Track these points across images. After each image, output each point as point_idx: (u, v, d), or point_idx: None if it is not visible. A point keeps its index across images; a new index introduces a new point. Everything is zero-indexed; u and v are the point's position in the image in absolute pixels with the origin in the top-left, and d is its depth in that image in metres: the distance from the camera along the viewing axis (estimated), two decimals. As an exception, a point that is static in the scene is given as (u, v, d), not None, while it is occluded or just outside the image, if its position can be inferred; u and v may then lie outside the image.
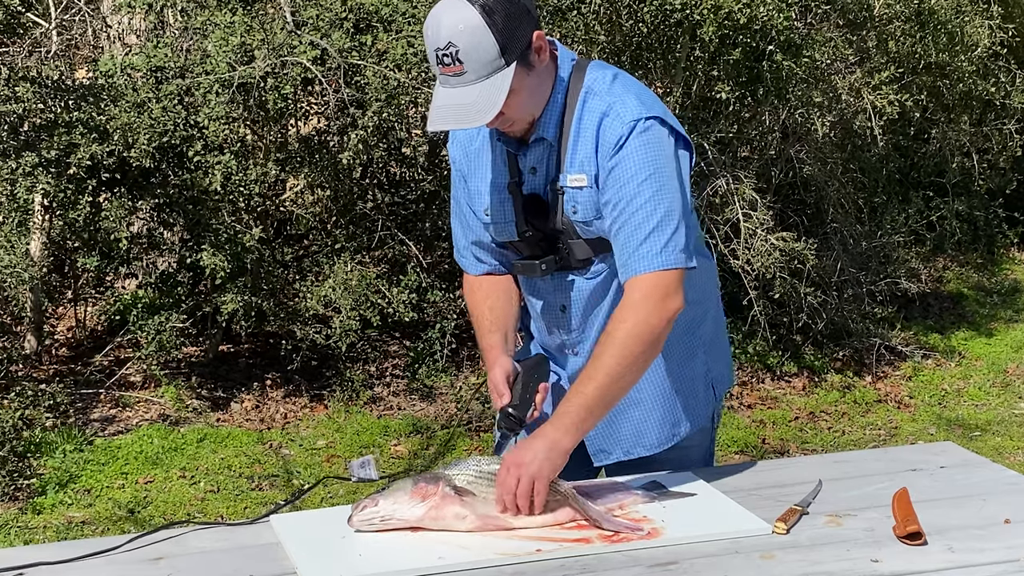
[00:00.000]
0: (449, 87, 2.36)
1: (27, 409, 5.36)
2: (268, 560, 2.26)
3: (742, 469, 2.72)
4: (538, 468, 2.34)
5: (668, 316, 2.43)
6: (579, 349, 2.67)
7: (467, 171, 2.65)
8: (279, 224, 6.78)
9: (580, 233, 2.54)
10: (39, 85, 5.52)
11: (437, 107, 2.39)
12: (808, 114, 6.42)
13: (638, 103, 2.46)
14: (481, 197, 2.63)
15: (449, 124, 2.41)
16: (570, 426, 2.39)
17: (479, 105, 2.35)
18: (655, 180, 2.43)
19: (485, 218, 2.63)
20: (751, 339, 6.63)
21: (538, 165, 2.54)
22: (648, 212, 2.42)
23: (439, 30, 2.33)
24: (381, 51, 5.59)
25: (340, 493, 5.16)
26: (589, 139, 2.48)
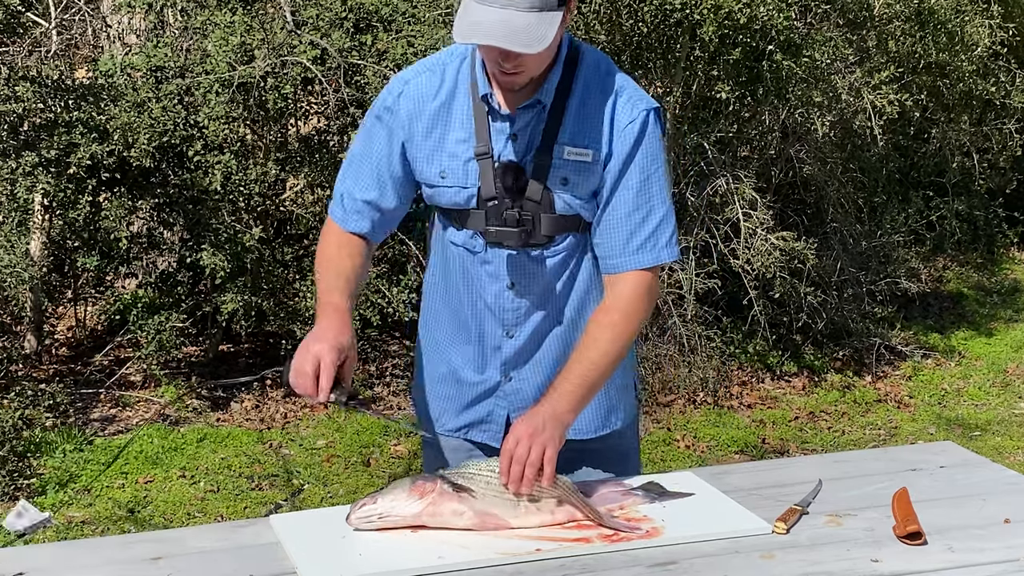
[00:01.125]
0: (497, 7, 2.23)
1: (27, 409, 5.36)
2: (268, 560, 2.25)
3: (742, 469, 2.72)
4: (549, 436, 2.34)
5: (653, 307, 2.52)
6: (517, 331, 2.59)
7: (414, 131, 2.50)
8: (279, 224, 6.77)
9: (557, 207, 2.47)
10: (39, 85, 5.52)
11: (477, 22, 2.23)
12: (808, 114, 6.42)
13: (641, 92, 2.49)
14: (436, 159, 2.49)
15: (499, 41, 2.24)
16: (573, 402, 2.41)
17: (532, 33, 2.24)
18: (658, 178, 2.46)
19: (439, 181, 2.51)
20: (751, 339, 6.63)
21: (521, 132, 2.45)
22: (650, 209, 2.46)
23: None
24: (381, 51, 5.59)
25: (340, 493, 5.16)
26: (598, 116, 2.44)
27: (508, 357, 2.61)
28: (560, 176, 2.45)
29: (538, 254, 2.52)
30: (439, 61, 2.53)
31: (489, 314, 2.59)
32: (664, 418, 6.06)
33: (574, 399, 2.41)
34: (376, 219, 2.58)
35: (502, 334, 2.60)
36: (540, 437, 2.33)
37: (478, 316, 2.61)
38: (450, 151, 2.49)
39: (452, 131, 2.49)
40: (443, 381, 2.74)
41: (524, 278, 2.54)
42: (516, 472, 2.32)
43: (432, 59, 2.55)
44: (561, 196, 2.47)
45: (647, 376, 6.23)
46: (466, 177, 2.49)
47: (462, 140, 2.48)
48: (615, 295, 2.47)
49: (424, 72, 2.52)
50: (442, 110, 2.49)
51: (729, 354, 6.56)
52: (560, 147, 2.45)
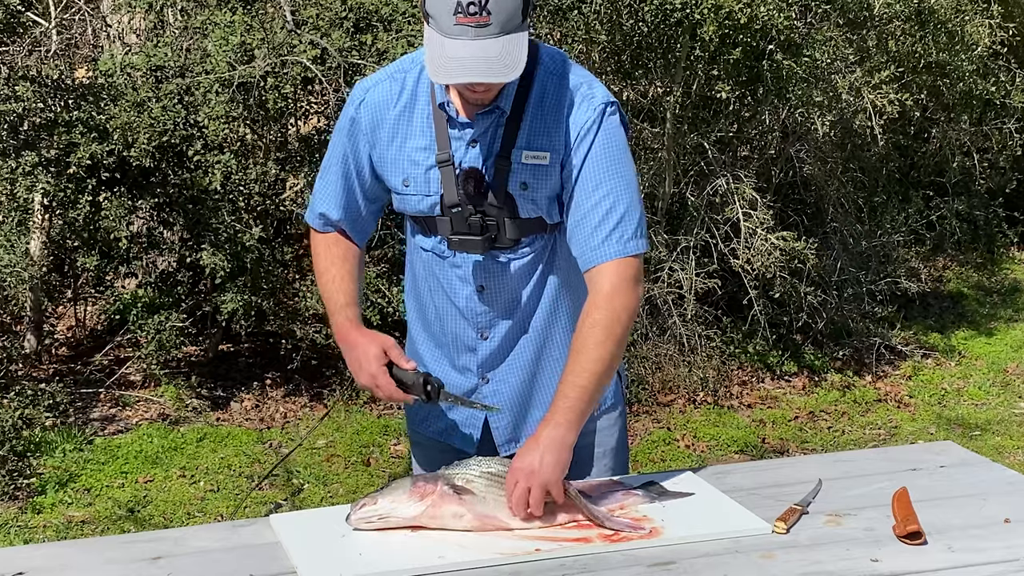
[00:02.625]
0: (467, 39, 2.26)
1: (27, 408, 5.36)
2: (268, 560, 2.25)
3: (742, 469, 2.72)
4: (548, 475, 2.32)
5: (639, 300, 2.47)
6: (491, 333, 2.59)
7: (377, 139, 2.53)
8: (279, 223, 6.77)
9: (520, 211, 2.48)
10: (39, 84, 5.52)
11: (455, 58, 2.27)
12: (808, 113, 6.42)
13: (601, 88, 2.48)
14: (398, 167, 2.52)
15: (479, 76, 2.29)
16: (573, 420, 2.37)
17: (506, 59, 2.28)
18: (619, 169, 2.45)
19: (403, 189, 2.53)
20: (751, 339, 6.63)
21: (481, 138, 2.46)
22: (615, 200, 2.43)
23: None
24: (381, 51, 5.59)
25: (340, 493, 5.16)
26: (555, 117, 2.44)
27: (483, 359, 2.62)
28: (519, 180, 2.47)
29: (505, 258, 2.54)
30: (400, 68, 2.54)
31: (461, 317, 2.60)
32: (664, 418, 6.06)
33: (572, 415, 2.37)
34: (349, 227, 2.64)
35: (476, 336, 2.61)
36: (539, 477, 2.31)
37: (451, 319, 2.62)
38: (412, 158, 2.51)
39: (412, 138, 2.51)
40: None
41: (493, 281, 2.56)
42: (521, 513, 2.33)
43: (394, 66, 2.56)
44: (522, 200, 2.48)
45: (647, 376, 6.23)
46: (428, 185, 2.51)
47: (423, 147, 2.50)
48: (594, 292, 2.45)
49: (385, 80, 2.53)
50: (402, 118, 2.51)
51: (729, 354, 6.56)
52: (518, 151, 2.46)
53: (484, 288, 2.56)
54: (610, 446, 2.71)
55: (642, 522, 2.37)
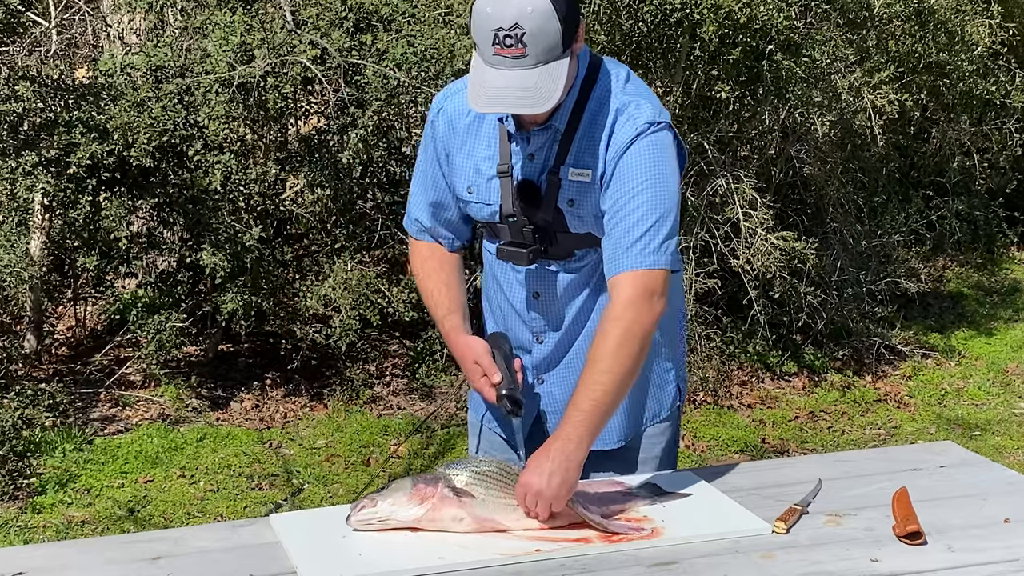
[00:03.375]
0: (504, 69, 2.32)
1: (27, 408, 5.36)
2: (268, 560, 2.25)
3: (742, 469, 2.72)
4: (555, 492, 2.31)
5: (656, 316, 2.44)
6: (546, 338, 2.65)
7: (451, 146, 2.61)
8: (279, 223, 6.77)
9: (569, 226, 2.53)
10: (39, 84, 5.52)
11: (492, 88, 2.33)
12: (808, 114, 6.41)
13: (651, 107, 2.48)
14: (465, 174, 2.60)
15: (511, 107, 2.37)
16: (584, 435, 2.36)
17: (540, 91, 2.33)
18: (657, 182, 2.45)
19: (468, 196, 2.61)
20: (751, 339, 6.63)
21: (537, 152, 2.52)
22: (645, 212, 2.43)
23: (505, 10, 2.29)
24: (381, 50, 5.59)
25: (340, 493, 5.16)
26: (600, 135, 2.47)
27: (538, 361, 2.68)
28: (567, 197, 2.51)
29: (557, 268, 2.59)
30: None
31: (519, 319, 2.67)
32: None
33: (583, 429, 2.36)
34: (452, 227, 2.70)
35: (532, 339, 2.68)
36: (546, 494, 2.31)
37: (511, 320, 2.69)
38: (477, 167, 2.58)
39: (479, 148, 2.58)
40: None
41: (547, 289, 2.62)
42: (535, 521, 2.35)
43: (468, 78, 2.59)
44: (570, 216, 2.52)
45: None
46: (489, 194, 2.58)
47: (487, 157, 2.57)
48: (611, 302, 2.45)
49: (462, 90, 2.58)
50: (472, 127, 2.58)
51: (729, 354, 6.56)
52: (566, 168, 2.50)
53: (539, 295, 2.63)
54: (652, 454, 2.74)
55: (642, 523, 2.37)
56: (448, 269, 2.71)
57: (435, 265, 2.71)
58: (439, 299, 2.68)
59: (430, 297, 2.70)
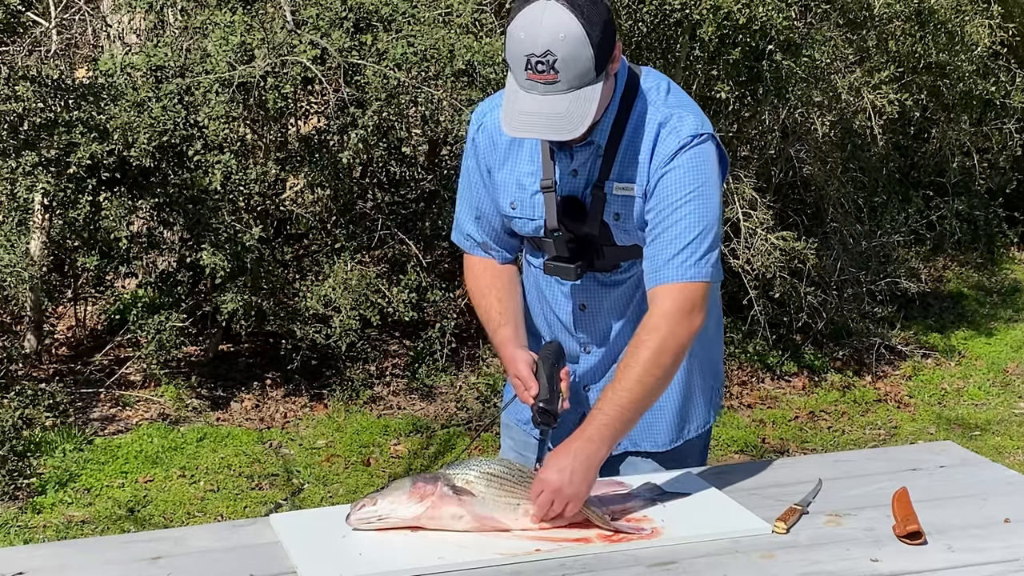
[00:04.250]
0: (537, 94, 2.32)
1: (27, 408, 5.36)
2: (268, 560, 2.25)
3: (742, 469, 2.72)
4: (574, 490, 2.32)
5: (694, 330, 2.45)
6: (592, 348, 2.67)
7: (493, 162, 2.61)
8: (279, 223, 6.77)
9: (616, 239, 2.53)
10: (39, 84, 5.52)
11: (524, 112, 2.33)
12: (808, 114, 6.42)
13: (694, 118, 2.47)
14: (508, 190, 2.60)
15: (542, 133, 2.37)
16: (606, 437, 2.37)
17: (572, 117, 2.32)
18: (700, 194, 2.45)
19: (511, 211, 2.61)
20: (751, 339, 6.63)
21: (580, 168, 2.51)
22: (689, 224, 2.44)
23: (538, 36, 2.27)
24: (381, 50, 5.59)
25: (340, 493, 5.16)
26: (643, 149, 2.46)
27: (584, 371, 2.69)
28: (613, 211, 2.51)
29: (605, 279, 2.60)
30: None
31: (565, 331, 2.68)
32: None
33: (607, 432, 2.37)
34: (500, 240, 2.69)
35: (579, 349, 2.68)
36: (566, 491, 2.32)
37: (557, 331, 2.70)
38: (520, 182, 2.58)
39: (522, 163, 2.57)
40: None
41: (593, 301, 2.63)
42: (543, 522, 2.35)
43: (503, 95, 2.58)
44: (616, 229, 2.52)
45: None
46: (533, 209, 2.57)
47: (530, 173, 2.56)
48: (649, 314, 2.46)
49: (499, 107, 2.54)
50: (514, 143, 2.57)
51: (729, 354, 6.56)
52: (610, 183, 2.49)
53: (585, 307, 2.64)
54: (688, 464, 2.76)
55: (642, 523, 2.37)
56: (501, 283, 2.69)
57: (487, 281, 2.70)
58: (491, 314, 2.66)
59: (484, 313, 2.68)
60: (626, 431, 2.44)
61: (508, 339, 2.62)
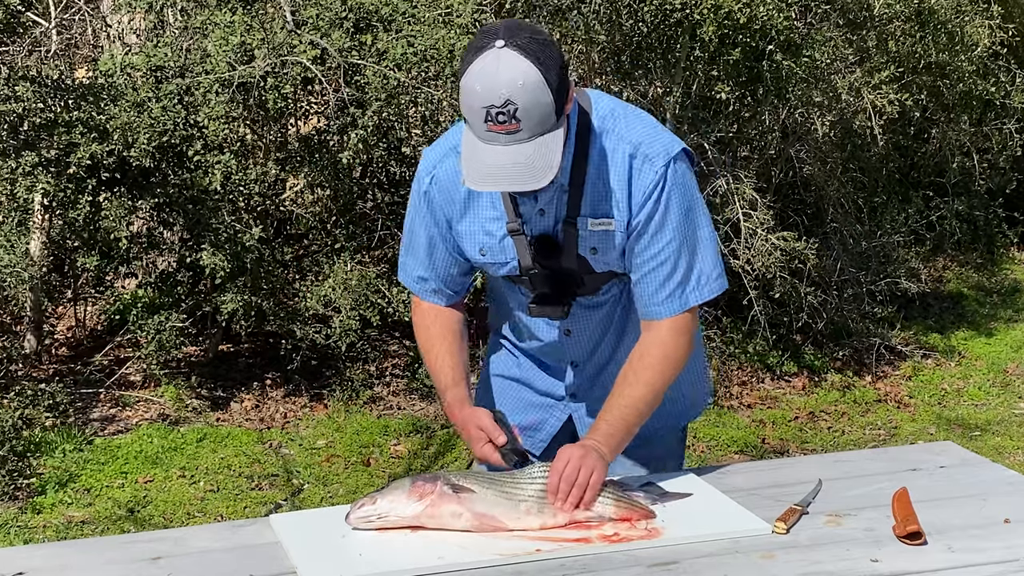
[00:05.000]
0: (499, 145, 2.26)
1: (27, 408, 5.36)
2: (268, 560, 2.25)
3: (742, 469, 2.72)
4: (595, 462, 2.38)
5: (693, 338, 2.56)
6: (581, 364, 2.69)
7: (451, 214, 2.55)
8: (279, 224, 6.78)
9: (594, 267, 2.53)
10: (39, 84, 5.52)
11: (487, 165, 2.27)
12: (808, 114, 6.41)
13: (659, 140, 2.46)
14: (474, 238, 2.55)
15: (509, 185, 2.31)
16: (613, 447, 2.46)
17: (537, 165, 2.26)
18: (685, 226, 2.47)
19: (481, 257, 2.57)
20: (751, 339, 6.63)
21: (547, 207, 2.48)
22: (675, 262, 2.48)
23: (495, 86, 2.22)
24: (381, 51, 5.59)
25: (340, 493, 5.16)
26: (616, 183, 2.44)
27: (572, 382, 2.72)
28: (589, 246, 2.50)
29: (587, 302, 2.60)
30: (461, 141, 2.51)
31: (551, 353, 2.70)
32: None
33: (613, 442, 2.46)
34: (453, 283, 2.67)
35: (566, 365, 2.70)
36: (589, 460, 2.37)
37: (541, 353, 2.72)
38: (485, 229, 2.54)
39: (484, 210, 2.53)
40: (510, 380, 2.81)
41: (578, 325, 2.63)
42: (564, 490, 2.36)
43: (455, 137, 2.53)
44: (594, 261, 2.52)
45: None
46: (504, 252, 2.55)
47: (495, 218, 2.53)
48: (653, 338, 2.52)
49: (449, 155, 2.52)
50: (472, 193, 2.51)
51: (729, 354, 6.56)
52: (583, 219, 2.47)
53: (570, 331, 2.64)
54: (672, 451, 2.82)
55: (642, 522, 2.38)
56: (452, 336, 2.66)
57: (439, 332, 2.66)
58: (443, 368, 2.63)
59: (433, 365, 2.65)
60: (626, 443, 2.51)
61: (462, 399, 2.60)
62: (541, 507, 2.36)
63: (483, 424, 2.52)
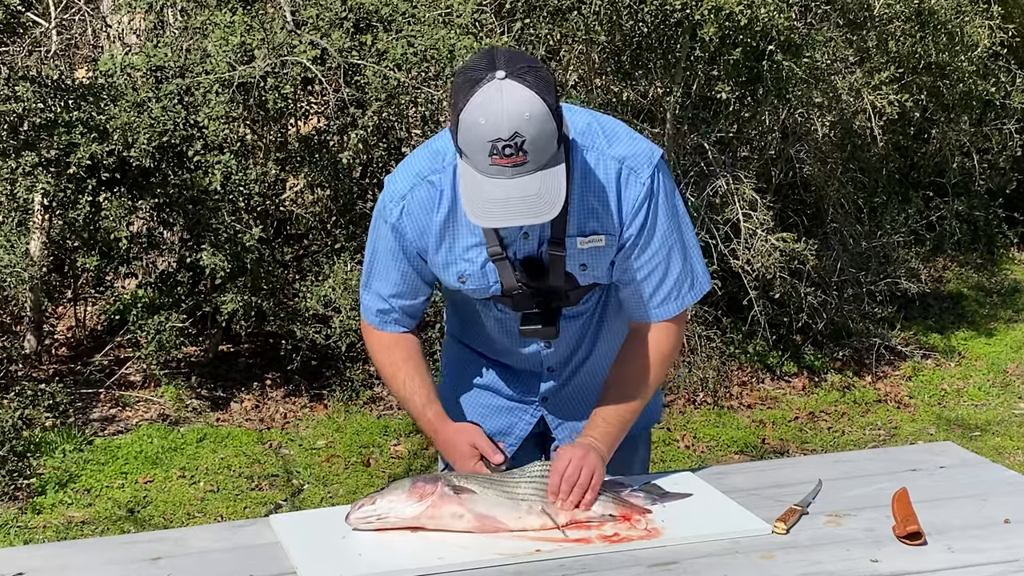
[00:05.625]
0: (504, 179, 2.20)
1: (27, 409, 5.36)
2: (268, 560, 2.25)
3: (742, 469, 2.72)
4: (595, 462, 2.40)
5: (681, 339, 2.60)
6: (561, 371, 2.68)
7: (427, 244, 2.48)
8: (279, 224, 6.77)
9: (580, 282, 2.51)
10: (39, 85, 5.52)
11: (494, 200, 2.21)
12: (808, 114, 6.41)
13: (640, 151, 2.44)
14: (453, 267, 2.49)
15: (519, 219, 2.24)
16: (610, 445, 2.49)
17: (545, 196, 2.22)
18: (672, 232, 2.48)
19: (460, 284, 2.52)
20: (751, 339, 6.63)
21: (530, 229, 2.43)
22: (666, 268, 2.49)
23: (501, 120, 2.16)
24: (381, 51, 5.59)
25: (340, 493, 5.16)
26: (603, 199, 2.42)
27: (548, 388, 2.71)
28: (579, 263, 2.48)
29: (568, 312, 2.59)
30: (430, 169, 2.46)
31: (527, 359, 2.67)
32: (664, 418, 6.06)
33: (610, 440, 2.49)
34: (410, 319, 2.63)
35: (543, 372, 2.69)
36: (590, 460, 2.39)
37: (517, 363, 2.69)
38: (464, 257, 2.49)
39: (461, 239, 2.47)
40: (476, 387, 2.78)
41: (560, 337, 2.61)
42: (565, 490, 2.36)
43: (421, 166, 2.47)
44: (582, 276, 2.51)
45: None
46: (486, 277, 2.50)
47: (474, 245, 2.47)
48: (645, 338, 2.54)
49: (419, 185, 2.45)
50: (448, 222, 2.46)
51: (729, 354, 6.56)
52: (571, 239, 2.44)
53: (550, 344, 2.63)
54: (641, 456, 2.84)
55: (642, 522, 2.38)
56: (416, 357, 2.61)
57: (402, 355, 2.60)
58: (415, 389, 2.58)
59: (403, 388, 2.60)
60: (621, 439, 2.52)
61: (442, 414, 2.58)
62: (542, 507, 2.36)
63: (478, 443, 2.49)
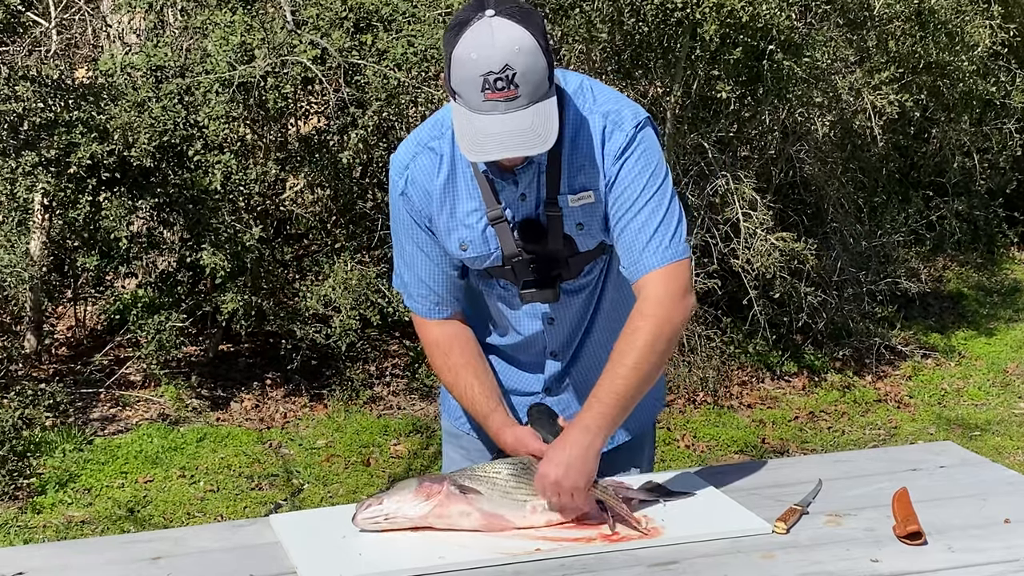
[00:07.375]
0: (498, 114, 2.23)
1: (27, 408, 5.36)
2: (268, 560, 2.25)
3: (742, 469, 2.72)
4: (572, 483, 2.32)
5: (688, 313, 2.45)
6: (563, 355, 2.65)
7: (430, 211, 2.50)
8: (279, 223, 6.78)
9: (580, 246, 2.51)
10: (39, 84, 5.52)
11: (488, 134, 2.24)
12: (808, 114, 6.41)
13: (628, 110, 2.46)
14: (454, 233, 2.50)
15: (514, 150, 2.26)
16: (603, 426, 2.37)
17: (539, 130, 2.25)
18: (656, 178, 2.45)
19: (461, 253, 2.52)
20: (751, 339, 6.63)
21: (527, 190, 2.46)
22: (652, 208, 2.43)
23: (492, 53, 2.20)
24: (381, 50, 5.60)
25: (340, 492, 5.16)
26: (588, 154, 2.44)
27: (552, 375, 2.67)
28: (575, 222, 2.48)
29: (569, 286, 2.56)
30: (431, 136, 2.49)
31: (529, 343, 2.64)
32: (664, 418, 6.06)
33: (604, 421, 2.37)
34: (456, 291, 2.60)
35: (546, 357, 2.65)
36: (565, 485, 2.32)
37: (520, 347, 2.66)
38: (465, 223, 2.50)
39: (461, 203, 2.49)
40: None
41: (560, 311, 2.59)
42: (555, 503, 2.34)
43: (422, 134, 2.51)
44: (580, 238, 2.50)
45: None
46: (486, 243, 2.50)
47: (474, 210, 2.48)
48: (641, 300, 2.44)
49: (421, 152, 2.49)
50: (448, 186, 2.48)
51: (729, 354, 6.56)
52: (564, 197, 2.45)
53: (553, 319, 2.60)
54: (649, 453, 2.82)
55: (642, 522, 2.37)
56: (473, 358, 2.59)
57: (459, 360, 2.59)
58: (476, 397, 2.55)
59: (464, 395, 2.57)
60: (623, 418, 2.42)
61: (505, 423, 2.53)
62: (546, 505, 2.36)
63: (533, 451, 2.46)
